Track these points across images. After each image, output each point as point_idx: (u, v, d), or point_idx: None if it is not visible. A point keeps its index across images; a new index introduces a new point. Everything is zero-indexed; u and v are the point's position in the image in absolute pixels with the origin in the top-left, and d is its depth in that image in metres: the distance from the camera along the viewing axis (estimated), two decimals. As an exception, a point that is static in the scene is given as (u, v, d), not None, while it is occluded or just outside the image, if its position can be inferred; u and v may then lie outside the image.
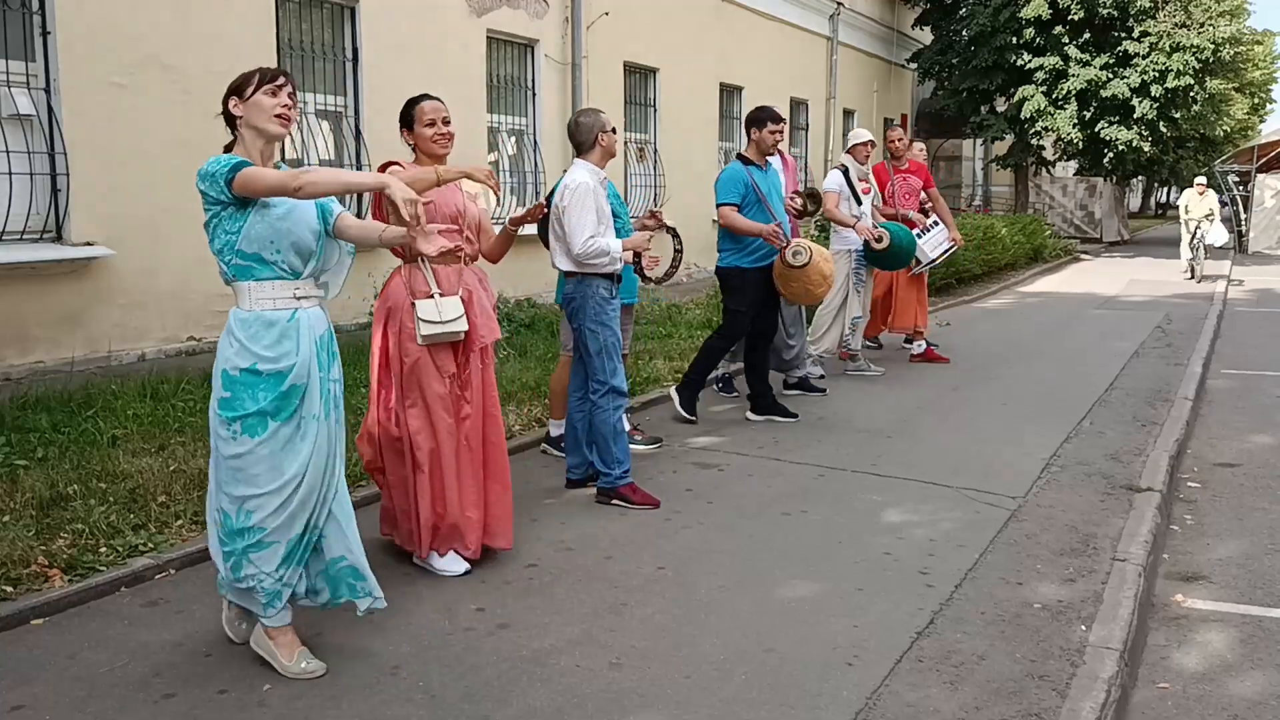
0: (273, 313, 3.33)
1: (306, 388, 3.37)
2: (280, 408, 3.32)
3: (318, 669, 3.42)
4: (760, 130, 6.84)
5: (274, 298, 3.34)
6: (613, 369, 5.26)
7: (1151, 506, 5.18)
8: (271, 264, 3.32)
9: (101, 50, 7.45)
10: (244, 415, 3.30)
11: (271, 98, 3.33)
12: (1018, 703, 3.30)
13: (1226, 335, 11.75)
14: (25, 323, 7.09)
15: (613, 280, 5.31)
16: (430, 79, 10.25)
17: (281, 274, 3.34)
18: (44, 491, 4.78)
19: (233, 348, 3.32)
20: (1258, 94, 41.72)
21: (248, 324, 3.32)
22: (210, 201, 3.26)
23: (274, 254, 3.31)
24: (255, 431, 3.31)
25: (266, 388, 3.30)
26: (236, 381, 3.30)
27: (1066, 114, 21.79)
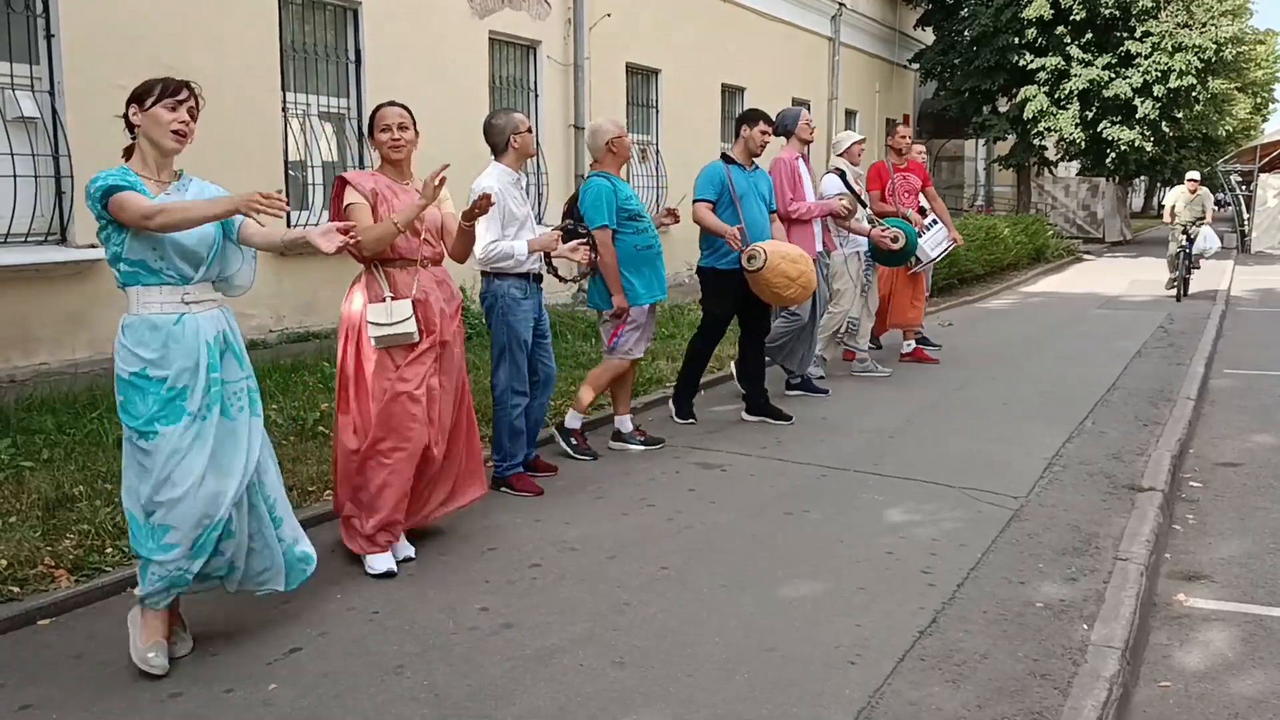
0: (158, 316, 3.41)
1: (191, 389, 3.42)
2: (166, 412, 3.38)
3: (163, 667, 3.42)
4: (752, 129, 6.85)
5: (160, 302, 3.42)
6: (512, 371, 5.40)
7: (1153, 506, 5.19)
8: (157, 271, 3.40)
9: (105, 53, 7.47)
10: (138, 420, 3.37)
11: (170, 112, 3.40)
12: (1020, 701, 3.31)
13: (1229, 335, 11.75)
14: (29, 325, 7.11)
15: (527, 280, 5.42)
16: (432, 80, 10.28)
17: (168, 280, 3.42)
18: (50, 492, 4.81)
19: (120, 353, 3.41)
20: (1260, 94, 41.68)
21: (134, 328, 3.41)
22: (95, 216, 3.37)
23: (158, 262, 3.40)
24: (149, 435, 3.37)
25: (154, 390, 3.38)
26: (128, 385, 3.40)
27: (1069, 114, 21.79)
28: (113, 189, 3.30)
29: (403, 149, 4.45)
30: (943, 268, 14.29)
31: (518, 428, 5.49)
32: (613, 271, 5.93)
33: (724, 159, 6.90)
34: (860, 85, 22.24)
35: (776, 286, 6.48)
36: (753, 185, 6.85)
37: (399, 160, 4.48)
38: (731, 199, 6.71)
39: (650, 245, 6.08)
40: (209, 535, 3.44)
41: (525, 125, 5.45)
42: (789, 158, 7.53)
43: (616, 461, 6.07)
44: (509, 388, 5.42)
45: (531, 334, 5.47)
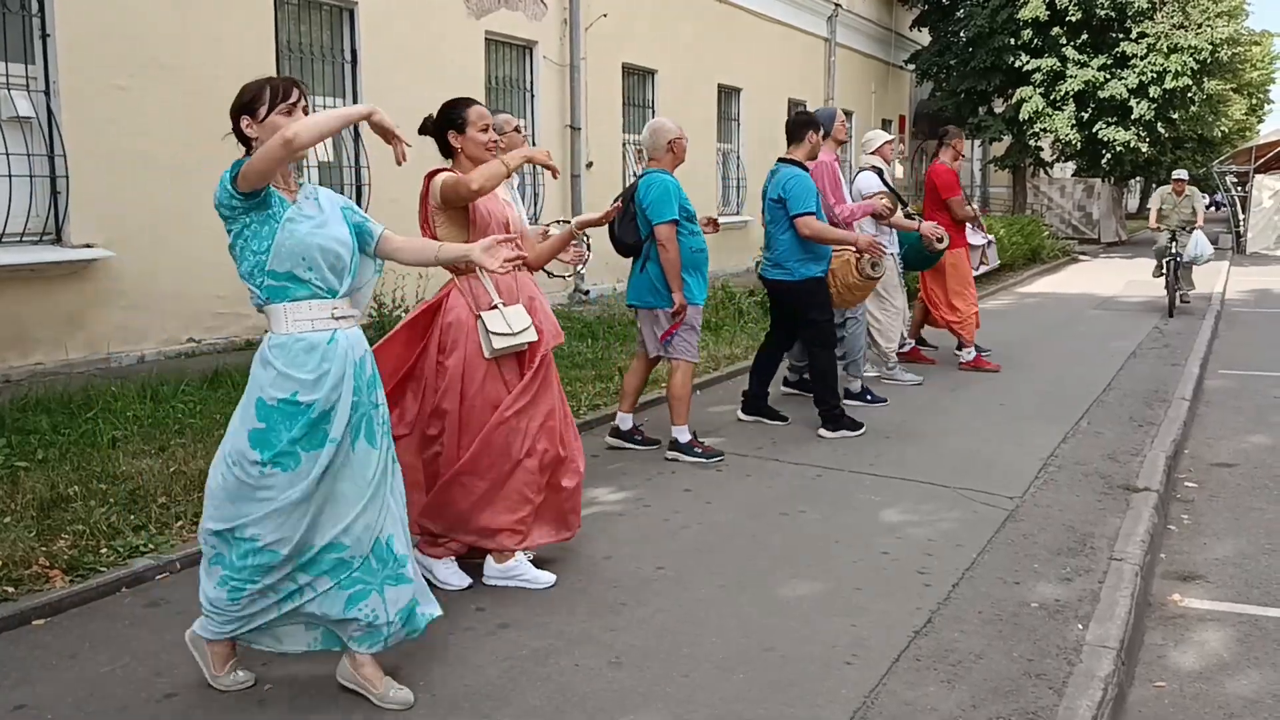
0: (312, 335, 3.10)
1: (341, 411, 3.13)
2: (309, 435, 3.09)
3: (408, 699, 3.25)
4: (816, 134, 6.76)
5: (312, 319, 3.10)
6: None
7: (1148, 506, 5.20)
8: (306, 283, 3.09)
9: (101, 52, 7.47)
10: (278, 451, 3.06)
11: (287, 118, 3.10)
12: (1015, 701, 3.32)
13: (1224, 336, 11.77)
14: (25, 325, 7.10)
15: None
16: (429, 80, 10.28)
17: (318, 293, 3.12)
18: (45, 493, 4.80)
19: (269, 375, 3.08)
20: (1256, 95, 41.78)
21: (286, 348, 3.08)
22: (230, 219, 3.05)
23: (307, 271, 3.09)
24: (287, 465, 3.07)
25: (302, 416, 3.07)
26: (274, 412, 3.07)
27: (1064, 115, 21.83)
28: (239, 163, 2.99)
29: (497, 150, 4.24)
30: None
31: None
32: (676, 269, 5.80)
33: (793, 163, 6.70)
34: (856, 86, 22.26)
35: (868, 290, 6.88)
36: None
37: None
38: (820, 204, 6.64)
39: (702, 249, 6.00)
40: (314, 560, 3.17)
41: (511, 125, 5.38)
42: (829, 159, 7.43)
43: (613, 461, 6.07)
44: None
45: None
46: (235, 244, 3.10)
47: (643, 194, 5.84)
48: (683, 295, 5.87)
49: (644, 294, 6.00)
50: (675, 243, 5.79)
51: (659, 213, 5.76)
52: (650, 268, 5.91)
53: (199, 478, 5.11)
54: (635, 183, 5.99)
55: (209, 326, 8.31)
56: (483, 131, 4.17)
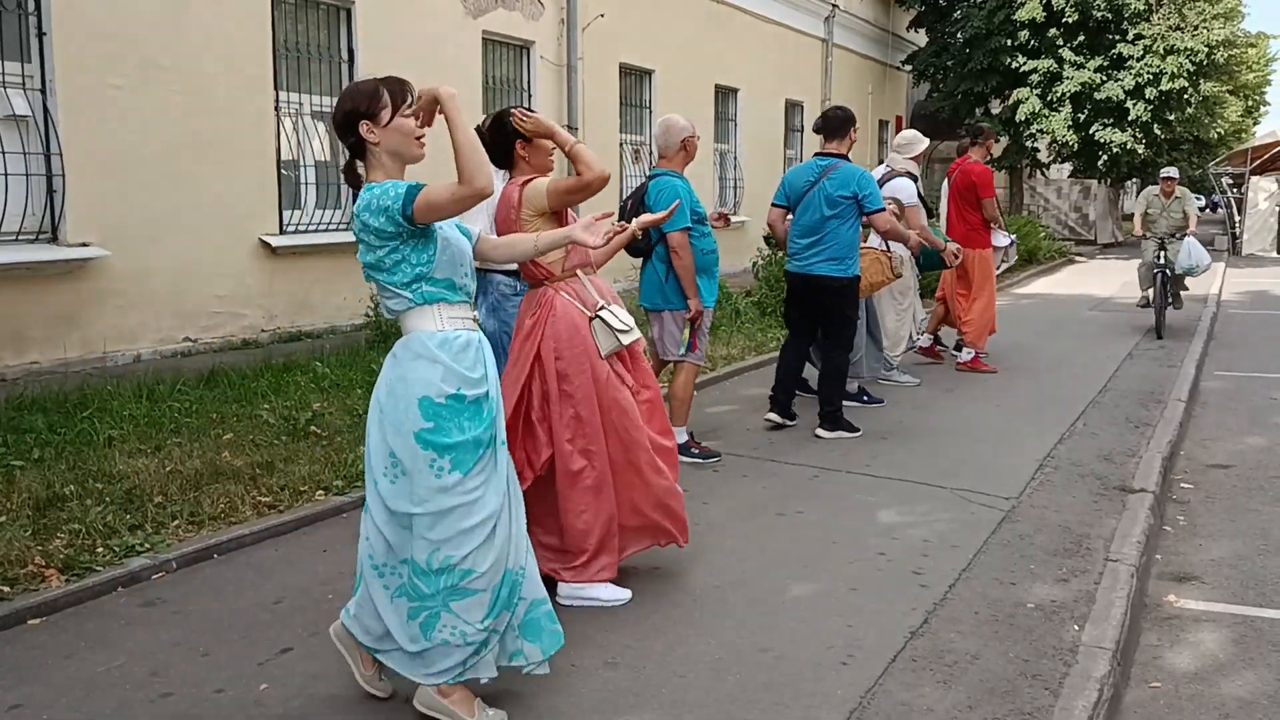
0: (466, 333, 3.07)
1: (494, 418, 3.09)
2: (483, 437, 3.02)
3: (500, 717, 3.15)
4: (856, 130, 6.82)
5: (462, 318, 3.08)
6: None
7: (1144, 507, 5.21)
8: (462, 288, 3.08)
9: (97, 51, 7.46)
10: (453, 447, 2.96)
11: (412, 119, 3.03)
12: (1010, 702, 3.32)
13: (1220, 337, 11.78)
14: (21, 324, 7.09)
15: (517, 277, 5.19)
16: (426, 80, 10.16)
17: (466, 298, 3.11)
18: (40, 492, 4.79)
19: (436, 371, 2.97)
20: (1252, 96, 41.78)
21: (448, 344, 3.01)
22: (384, 237, 2.93)
23: (464, 278, 3.07)
24: (465, 465, 2.97)
25: (471, 415, 3.00)
26: (442, 410, 2.96)
27: (1061, 116, 21.86)
28: (414, 189, 2.88)
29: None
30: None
31: None
32: (691, 275, 5.76)
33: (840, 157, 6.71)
34: (853, 87, 22.26)
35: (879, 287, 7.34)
36: None
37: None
38: None
39: (713, 250, 5.99)
40: (514, 581, 3.10)
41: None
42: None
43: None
44: None
45: None
46: (389, 257, 2.96)
47: (653, 199, 5.79)
48: (699, 301, 5.84)
49: (655, 296, 5.97)
50: (689, 250, 5.75)
51: (671, 220, 5.72)
52: (659, 268, 5.87)
53: (195, 477, 5.13)
54: (645, 184, 5.96)
55: (205, 326, 8.30)
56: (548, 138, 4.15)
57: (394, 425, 2.99)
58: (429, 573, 2.98)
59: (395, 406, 2.99)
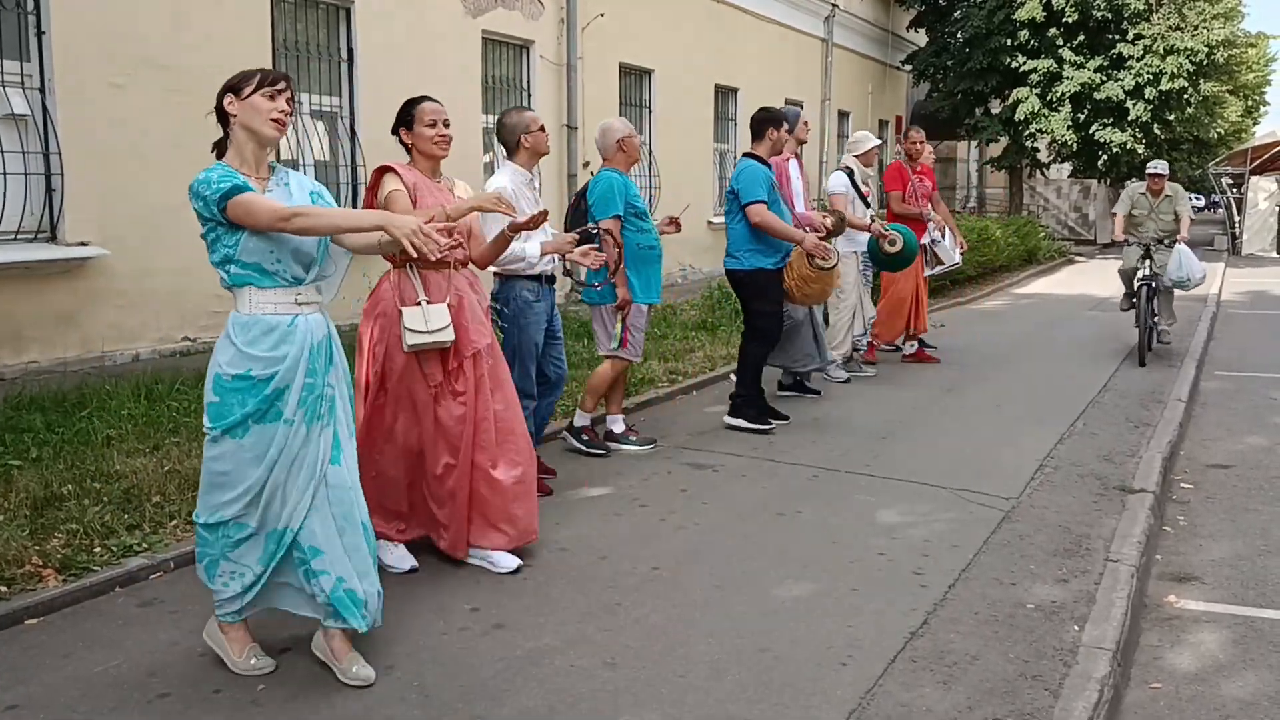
0: (273, 318, 3.29)
1: (289, 390, 3.30)
2: (263, 410, 3.27)
3: (267, 665, 3.45)
4: (778, 131, 6.81)
5: (275, 303, 3.29)
6: (521, 373, 5.29)
7: (1144, 507, 5.20)
8: (273, 274, 3.27)
9: (96, 50, 7.44)
10: (230, 422, 3.25)
11: (269, 101, 3.28)
12: (1010, 702, 3.31)
13: (1220, 337, 11.78)
14: (19, 323, 7.07)
15: (539, 281, 5.34)
16: (426, 79, 10.25)
17: (283, 282, 3.29)
18: (38, 491, 4.78)
19: (227, 353, 3.27)
20: (1251, 96, 41.79)
21: (247, 328, 3.27)
22: (203, 219, 3.23)
23: (274, 264, 3.26)
24: (238, 434, 3.27)
25: (255, 393, 3.25)
26: (227, 388, 3.26)
27: (1060, 116, 21.86)
28: (235, 189, 3.15)
29: (448, 145, 4.36)
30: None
31: None
32: (618, 263, 5.87)
33: (754, 158, 6.80)
34: (853, 86, 22.27)
35: (831, 285, 6.84)
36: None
37: (442, 157, 4.38)
38: (779, 197, 6.73)
39: (653, 246, 6.05)
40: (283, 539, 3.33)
41: (537, 124, 5.37)
42: (780, 160, 7.51)
43: (609, 462, 6.05)
44: (517, 389, 5.35)
45: (543, 336, 5.42)
46: (207, 235, 3.28)
47: (590, 191, 5.96)
48: (628, 291, 5.93)
49: (590, 291, 6.06)
50: (618, 238, 5.85)
51: (602, 209, 5.86)
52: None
53: (193, 477, 5.10)
54: (588, 182, 6.09)
55: (204, 325, 8.28)
56: (430, 127, 4.29)
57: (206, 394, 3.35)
58: (207, 526, 3.34)
59: (208, 378, 3.34)
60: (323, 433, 3.38)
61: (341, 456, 3.42)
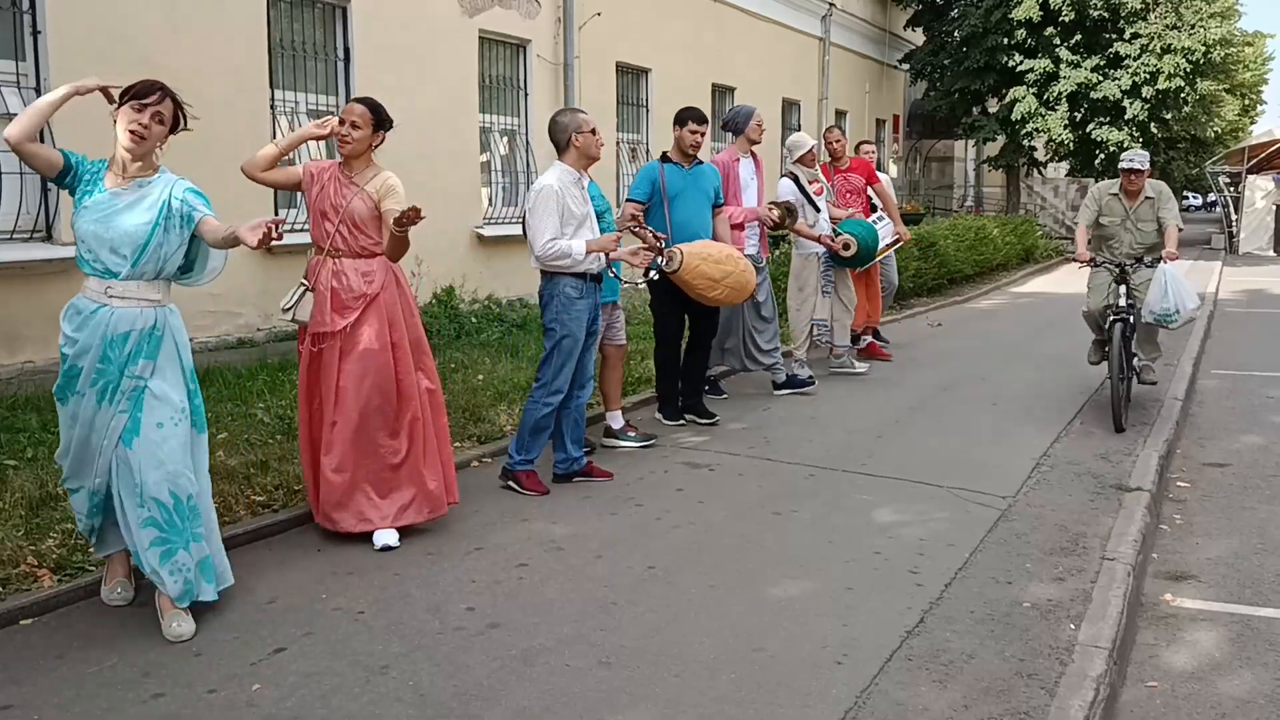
0: (83, 301, 3.68)
1: (83, 371, 3.65)
2: (66, 384, 3.70)
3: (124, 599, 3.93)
4: (681, 129, 6.81)
5: (89, 289, 3.67)
6: (559, 368, 5.36)
7: (1141, 506, 5.20)
8: (87, 261, 3.65)
9: (92, 50, 7.43)
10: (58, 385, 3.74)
11: (134, 113, 3.62)
12: (1006, 701, 3.31)
13: (1216, 336, 11.78)
14: (15, 322, 7.06)
15: (584, 280, 5.36)
16: (422, 79, 10.25)
17: (95, 272, 3.65)
18: (33, 491, 4.77)
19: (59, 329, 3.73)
20: (1248, 95, 41.87)
21: (71, 308, 3.71)
22: None
23: (87, 252, 3.64)
24: (63, 398, 3.75)
25: (64, 363, 3.69)
26: (63, 357, 3.71)
27: (1057, 115, 21.87)
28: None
29: (347, 145, 4.59)
30: (931, 268, 14.31)
31: (541, 425, 5.43)
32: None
33: (662, 158, 6.83)
34: (850, 85, 22.27)
35: (700, 289, 6.32)
36: (691, 182, 6.75)
37: (346, 156, 4.63)
38: (662, 198, 6.65)
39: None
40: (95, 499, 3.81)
41: (589, 126, 5.40)
42: (728, 159, 7.47)
43: (605, 460, 6.04)
44: (547, 384, 5.38)
45: (584, 333, 5.44)
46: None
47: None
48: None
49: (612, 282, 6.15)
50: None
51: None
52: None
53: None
54: None
55: (200, 325, 8.27)
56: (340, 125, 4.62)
57: None
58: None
59: None
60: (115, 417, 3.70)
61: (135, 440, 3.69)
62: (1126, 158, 7.28)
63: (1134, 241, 7.33)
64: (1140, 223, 7.31)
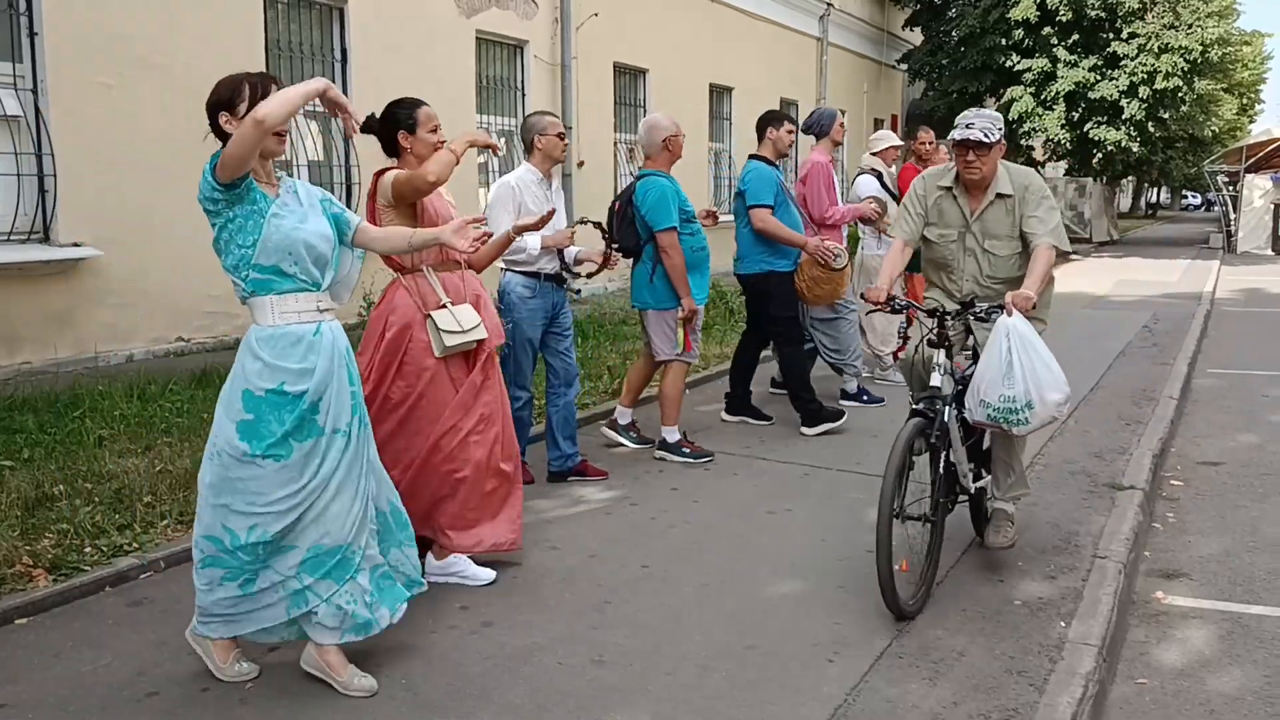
0: (299, 327, 3.18)
1: (330, 402, 3.21)
2: (302, 426, 3.16)
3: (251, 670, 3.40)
4: (778, 130, 6.79)
5: (298, 311, 3.18)
6: (514, 367, 5.39)
7: (1133, 504, 5.21)
8: (291, 276, 3.16)
9: (89, 51, 7.46)
10: (269, 441, 3.12)
11: None
12: (995, 698, 3.33)
13: (1213, 335, 11.80)
14: (12, 324, 7.09)
15: (538, 279, 5.39)
16: (420, 80, 10.26)
17: (303, 286, 3.19)
18: (30, 492, 4.79)
19: (255, 366, 3.13)
20: (1246, 94, 41.92)
21: (273, 340, 3.15)
22: (213, 213, 3.10)
23: (293, 265, 3.15)
24: (280, 456, 3.14)
25: (291, 407, 3.13)
26: (261, 403, 3.12)
27: (1054, 115, 21.89)
28: (215, 156, 3.04)
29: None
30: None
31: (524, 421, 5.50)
32: (682, 274, 5.80)
33: (760, 159, 6.78)
34: (848, 85, 22.29)
35: (844, 285, 6.75)
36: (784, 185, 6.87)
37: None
38: (787, 198, 6.71)
39: (703, 247, 6.01)
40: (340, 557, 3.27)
41: (555, 129, 5.42)
42: (825, 161, 7.44)
43: (600, 459, 6.06)
44: (510, 381, 5.37)
45: (540, 333, 5.45)
46: (220, 238, 3.14)
47: (640, 198, 5.85)
48: (692, 300, 5.88)
49: (643, 295, 6.01)
50: (679, 249, 5.79)
51: (658, 219, 5.77)
52: (647, 266, 5.92)
53: (185, 476, 5.12)
54: (633, 184, 5.98)
55: (198, 325, 8.30)
56: (432, 133, 4.23)
57: (224, 410, 3.19)
58: (247, 545, 3.16)
59: (228, 393, 3.20)
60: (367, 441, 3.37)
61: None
62: (963, 119, 4.31)
63: (981, 272, 4.54)
64: (989, 239, 4.47)
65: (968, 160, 4.36)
